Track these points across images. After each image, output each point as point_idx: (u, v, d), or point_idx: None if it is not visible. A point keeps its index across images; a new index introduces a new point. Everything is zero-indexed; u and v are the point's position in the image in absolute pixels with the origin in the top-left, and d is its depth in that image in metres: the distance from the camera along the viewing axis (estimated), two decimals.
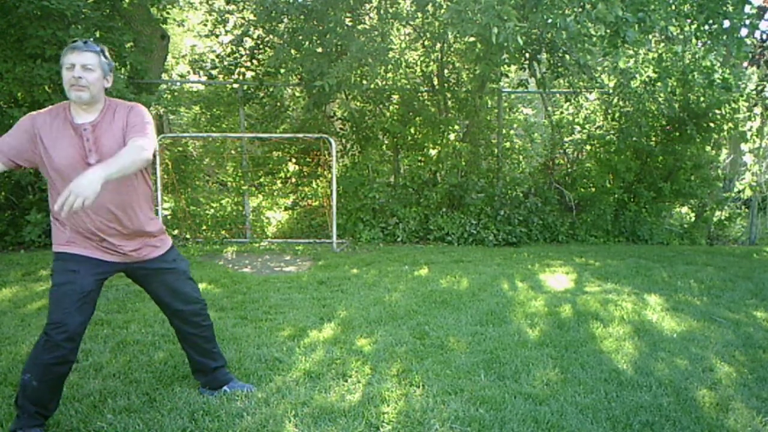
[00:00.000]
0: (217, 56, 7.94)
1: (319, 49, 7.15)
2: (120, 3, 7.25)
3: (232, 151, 8.32)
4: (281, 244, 7.49)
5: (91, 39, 2.49)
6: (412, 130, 8.26)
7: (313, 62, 6.79)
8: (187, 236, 7.48)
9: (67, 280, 2.42)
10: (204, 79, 8.40)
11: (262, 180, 8.33)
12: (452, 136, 8.19)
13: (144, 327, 3.85)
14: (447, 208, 8.01)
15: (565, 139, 8.43)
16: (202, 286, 5.03)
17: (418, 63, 8.34)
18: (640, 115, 7.85)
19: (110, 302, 4.46)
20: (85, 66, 2.34)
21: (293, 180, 8.57)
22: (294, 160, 8.56)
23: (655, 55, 7.85)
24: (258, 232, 7.96)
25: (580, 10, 5.49)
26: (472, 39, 6.98)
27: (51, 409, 2.51)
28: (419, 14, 7.54)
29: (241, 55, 7.78)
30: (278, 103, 8.55)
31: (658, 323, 4.11)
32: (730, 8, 5.75)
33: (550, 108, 8.80)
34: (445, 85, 8.21)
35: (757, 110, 8.26)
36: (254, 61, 7.81)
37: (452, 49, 8.10)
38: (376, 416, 2.65)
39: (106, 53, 2.45)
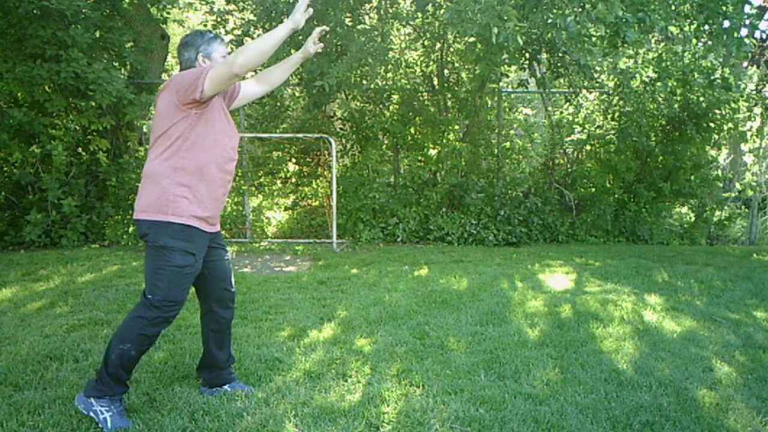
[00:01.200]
0: None
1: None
2: (120, 3, 7.25)
3: None
4: (281, 244, 7.49)
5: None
6: (412, 130, 8.26)
7: (313, 62, 6.79)
8: None
9: (188, 263, 2.51)
10: None
11: (262, 180, 8.33)
12: (452, 136, 8.19)
13: None
14: (447, 208, 8.01)
15: (565, 139, 8.43)
16: None
17: (418, 63, 8.34)
18: (640, 115, 7.85)
19: (110, 302, 4.47)
20: None
21: (293, 180, 8.57)
22: (294, 160, 8.56)
23: (655, 55, 7.85)
24: (258, 232, 7.96)
25: (580, 10, 5.49)
26: (472, 39, 6.98)
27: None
28: (419, 14, 7.54)
29: None
30: (278, 103, 8.54)
31: (658, 323, 4.11)
32: (730, 8, 5.75)
33: (550, 108, 8.81)
34: (445, 85, 8.21)
35: (757, 110, 8.27)
36: None
37: (452, 49, 8.09)
38: (376, 416, 2.65)
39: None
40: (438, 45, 7.90)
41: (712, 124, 7.87)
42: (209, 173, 2.56)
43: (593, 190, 8.33)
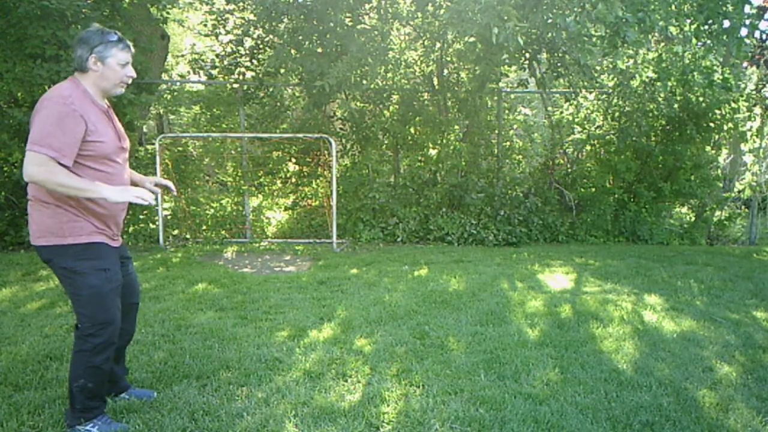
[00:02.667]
0: (217, 56, 7.94)
1: (319, 49, 7.15)
2: (120, 3, 7.24)
3: (232, 151, 8.32)
4: (281, 244, 7.49)
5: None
6: (412, 130, 8.26)
7: (313, 62, 6.79)
8: (187, 236, 7.49)
9: (104, 280, 2.40)
10: (204, 79, 8.40)
11: (262, 180, 8.33)
12: (452, 136, 8.18)
13: (144, 327, 3.85)
14: (447, 208, 8.01)
15: (565, 139, 8.43)
16: (202, 286, 5.04)
17: (418, 63, 8.34)
18: (640, 115, 7.85)
19: None
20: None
21: (293, 180, 8.57)
22: (294, 160, 8.56)
23: (655, 55, 7.85)
24: (258, 232, 7.96)
25: (580, 10, 5.49)
26: (472, 39, 6.98)
27: (106, 391, 2.62)
28: (419, 14, 7.54)
29: (241, 55, 7.78)
30: (278, 103, 8.55)
31: (658, 323, 4.11)
32: (730, 8, 5.75)
33: (550, 108, 8.81)
34: (445, 85, 8.21)
35: (757, 110, 8.26)
36: (254, 61, 7.81)
37: (451, 49, 8.10)
38: (376, 416, 2.65)
39: None
40: (438, 45, 7.91)
41: (712, 124, 7.87)
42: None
43: (593, 190, 8.33)
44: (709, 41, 6.25)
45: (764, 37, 7.94)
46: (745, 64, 8.74)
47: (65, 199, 2.31)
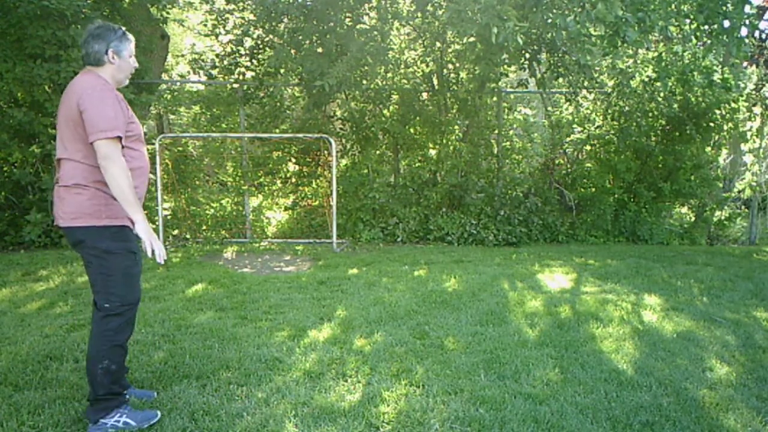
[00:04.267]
0: (217, 56, 7.94)
1: (319, 49, 7.15)
2: (120, 3, 7.24)
3: (232, 151, 8.32)
4: (281, 244, 7.49)
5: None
6: (412, 130, 8.26)
7: (313, 62, 6.79)
8: (187, 236, 7.48)
9: (134, 262, 2.53)
10: (204, 79, 8.40)
11: (262, 180, 8.33)
12: (452, 136, 8.18)
13: (144, 327, 3.85)
14: (447, 208, 8.01)
15: (565, 139, 8.43)
16: (202, 286, 5.04)
17: (418, 63, 8.34)
18: (639, 115, 7.85)
19: None
20: None
21: (293, 180, 8.57)
22: (294, 160, 8.56)
23: (655, 55, 7.85)
24: (258, 232, 7.96)
25: (580, 10, 5.49)
26: (472, 39, 6.98)
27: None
28: (419, 14, 7.54)
29: (241, 55, 7.78)
30: (278, 103, 8.55)
31: (658, 323, 4.11)
32: (730, 8, 5.75)
33: (549, 108, 8.81)
34: (445, 85, 8.21)
35: (757, 110, 8.26)
36: (254, 61, 7.81)
37: (451, 49, 8.10)
38: (376, 416, 2.65)
39: None
40: (438, 45, 7.91)
41: (712, 124, 7.87)
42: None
43: (593, 190, 8.33)
44: (708, 41, 6.25)
45: (764, 36, 7.94)
46: (744, 63, 8.74)
47: (103, 182, 2.40)
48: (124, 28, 2.58)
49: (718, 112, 7.79)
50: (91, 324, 2.55)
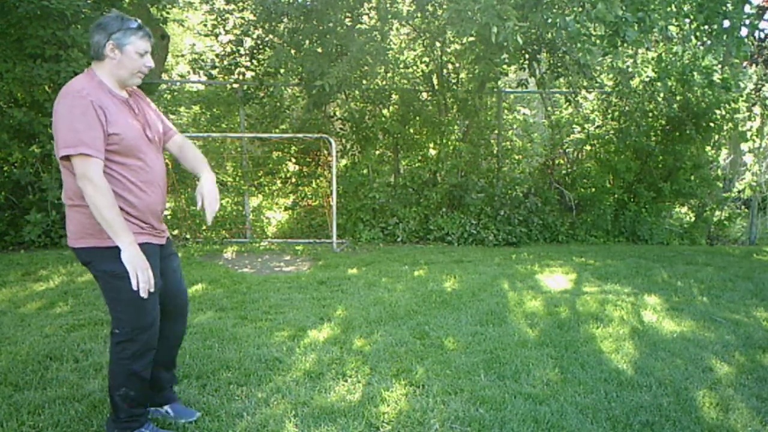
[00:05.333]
0: (217, 56, 7.94)
1: (319, 49, 7.15)
2: (120, 3, 7.24)
3: (232, 151, 8.32)
4: (281, 244, 7.49)
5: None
6: (412, 131, 8.26)
7: (313, 62, 6.79)
8: (187, 236, 7.48)
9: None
10: (204, 79, 8.40)
11: (262, 180, 8.33)
12: (452, 136, 8.19)
13: None
14: (447, 208, 8.01)
15: (565, 139, 8.43)
16: (202, 286, 5.04)
17: (417, 63, 8.34)
18: (639, 115, 7.85)
19: None
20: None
21: (293, 180, 8.57)
22: (294, 160, 8.56)
23: (655, 55, 7.85)
24: (258, 232, 7.96)
25: (580, 9, 5.49)
26: (471, 39, 6.98)
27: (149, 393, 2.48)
28: (419, 14, 7.54)
29: (241, 55, 7.78)
30: (278, 103, 8.55)
31: (658, 323, 4.11)
32: (730, 8, 5.75)
33: (549, 108, 8.80)
34: (445, 85, 8.21)
35: (757, 110, 8.26)
36: (254, 61, 7.81)
37: (449, 49, 8.10)
38: (376, 416, 2.65)
39: None
40: (438, 44, 7.91)
41: (711, 124, 7.87)
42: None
43: (593, 190, 8.33)
44: (708, 41, 6.25)
45: (762, 36, 7.95)
46: (744, 63, 8.73)
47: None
48: (138, 22, 2.29)
49: (718, 112, 7.79)
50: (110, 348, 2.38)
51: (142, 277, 2.18)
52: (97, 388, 2.89)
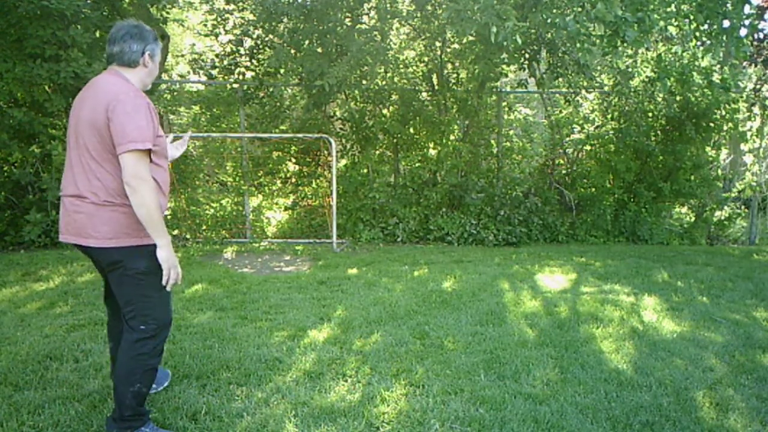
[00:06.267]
0: (217, 56, 7.94)
1: (319, 50, 7.15)
2: (120, 3, 7.24)
3: (232, 151, 8.32)
4: (281, 244, 7.49)
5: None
6: (412, 130, 8.26)
7: (313, 62, 6.79)
8: (187, 236, 7.48)
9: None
10: (204, 79, 8.39)
11: (262, 180, 8.33)
12: (452, 136, 8.19)
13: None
14: (447, 208, 8.01)
15: (565, 139, 8.43)
16: (201, 286, 5.04)
17: (417, 63, 8.34)
18: (639, 115, 7.85)
19: None
20: None
21: (293, 180, 8.58)
22: (294, 160, 8.56)
23: (654, 55, 7.85)
24: (258, 232, 7.96)
25: (580, 9, 5.50)
26: (471, 38, 6.98)
27: None
28: (418, 13, 7.54)
29: (241, 55, 7.78)
30: (278, 103, 8.55)
31: (658, 323, 4.11)
32: (730, 7, 5.75)
33: (549, 108, 8.81)
34: (445, 85, 8.22)
35: (756, 109, 8.26)
36: (254, 61, 7.81)
37: (450, 49, 8.10)
38: (376, 416, 2.65)
39: None
40: (437, 44, 7.91)
41: (711, 124, 7.87)
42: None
43: (593, 190, 8.33)
44: (708, 41, 6.25)
45: (761, 36, 7.94)
46: (744, 63, 8.73)
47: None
48: (155, 32, 2.47)
49: (717, 112, 7.79)
50: (122, 345, 2.39)
51: (173, 274, 2.31)
52: (97, 388, 2.89)
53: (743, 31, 6.16)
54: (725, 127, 7.99)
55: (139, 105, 2.22)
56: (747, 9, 6.07)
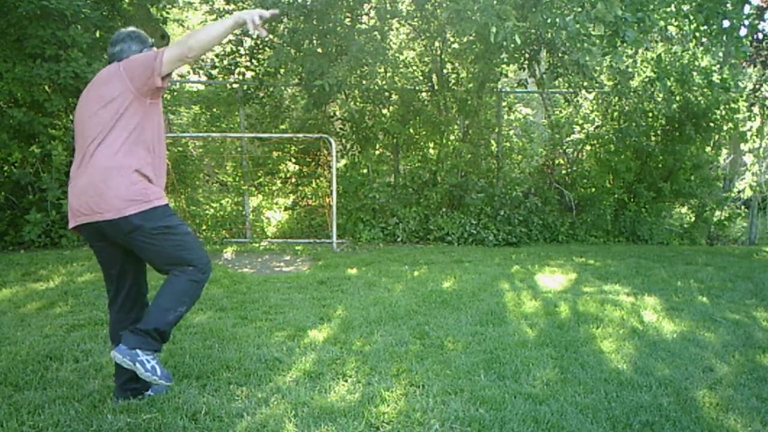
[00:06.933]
0: (217, 56, 7.94)
1: (319, 49, 7.15)
2: (120, 3, 7.24)
3: (232, 151, 8.32)
4: (281, 244, 7.49)
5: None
6: (412, 131, 8.26)
7: (313, 62, 6.79)
8: None
9: (188, 227, 2.59)
10: (204, 78, 8.39)
11: (261, 180, 8.33)
12: (452, 136, 8.18)
13: None
14: (447, 208, 8.01)
15: (565, 139, 8.43)
16: None
17: (417, 63, 8.34)
18: (639, 115, 7.85)
19: None
20: None
21: (293, 180, 8.58)
22: (294, 160, 8.56)
23: (654, 55, 7.85)
24: (258, 232, 7.96)
25: (580, 9, 5.50)
26: (471, 38, 6.98)
27: None
28: (418, 13, 7.54)
29: (241, 55, 7.78)
30: (278, 103, 8.55)
31: (657, 323, 4.11)
32: (729, 8, 5.75)
33: (549, 108, 8.81)
34: (445, 84, 8.22)
35: (756, 109, 8.26)
36: (254, 61, 7.81)
37: (450, 49, 8.10)
38: (376, 416, 2.65)
39: None
40: (437, 44, 7.91)
41: (711, 124, 7.87)
42: (161, 161, 2.61)
43: (593, 190, 8.33)
44: (708, 41, 6.26)
45: (760, 36, 7.94)
46: (743, 63, 8.73)
47: (144, 164, 2.46)
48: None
49: (717, 112, 7.79)
50: (169, 279, 2.52)
51: (248, 17, 2.50)
52: (97, 388, 2.89)
53: (743, 31, 6.17)
54: (725, 127, 8.00)
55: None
56: (747, 9, 6.08)
